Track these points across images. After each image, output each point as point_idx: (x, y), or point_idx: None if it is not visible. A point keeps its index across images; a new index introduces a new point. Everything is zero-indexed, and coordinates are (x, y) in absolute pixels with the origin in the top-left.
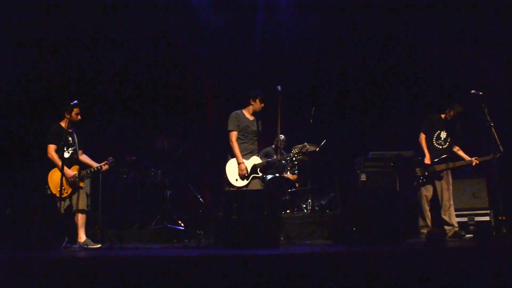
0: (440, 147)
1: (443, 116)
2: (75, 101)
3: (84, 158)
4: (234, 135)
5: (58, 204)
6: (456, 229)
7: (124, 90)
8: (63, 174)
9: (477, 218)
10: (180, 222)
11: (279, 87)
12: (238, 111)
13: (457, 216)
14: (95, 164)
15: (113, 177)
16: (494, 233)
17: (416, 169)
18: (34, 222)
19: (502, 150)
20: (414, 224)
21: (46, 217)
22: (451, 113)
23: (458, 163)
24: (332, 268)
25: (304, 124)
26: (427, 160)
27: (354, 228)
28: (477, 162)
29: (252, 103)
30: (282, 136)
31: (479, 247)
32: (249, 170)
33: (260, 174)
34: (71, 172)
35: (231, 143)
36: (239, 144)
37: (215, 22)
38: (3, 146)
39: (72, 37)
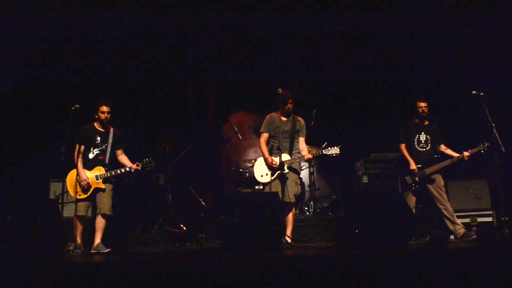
0: (423, 149)
1: (416, 120)
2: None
3: (122, 158)
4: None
5: (75, 208)
6: (464, 229)
7: (125, 94)
8: (77, 175)
9: (479, 219)
10: (182, 225)
11: (279, 90)
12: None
13: (459, 217)
14: (128, 165)
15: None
16: (497, 234)
17: (406, 178)
18: (36, 228)
19: (504, 150)
20: (416, 225)
21: (47, 222)
22: (419, 110)
23: (447, 162)
24: (335, 271)
25: (306, 126)
26: (413, 166)
27: (356, 230)
28: (468, 155)
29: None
30: None
31: (482, 248)
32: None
33: (287, 171)
34: (84, 175)
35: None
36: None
37: (216, 25)
38: (3, 151)
39: (76, 39)
